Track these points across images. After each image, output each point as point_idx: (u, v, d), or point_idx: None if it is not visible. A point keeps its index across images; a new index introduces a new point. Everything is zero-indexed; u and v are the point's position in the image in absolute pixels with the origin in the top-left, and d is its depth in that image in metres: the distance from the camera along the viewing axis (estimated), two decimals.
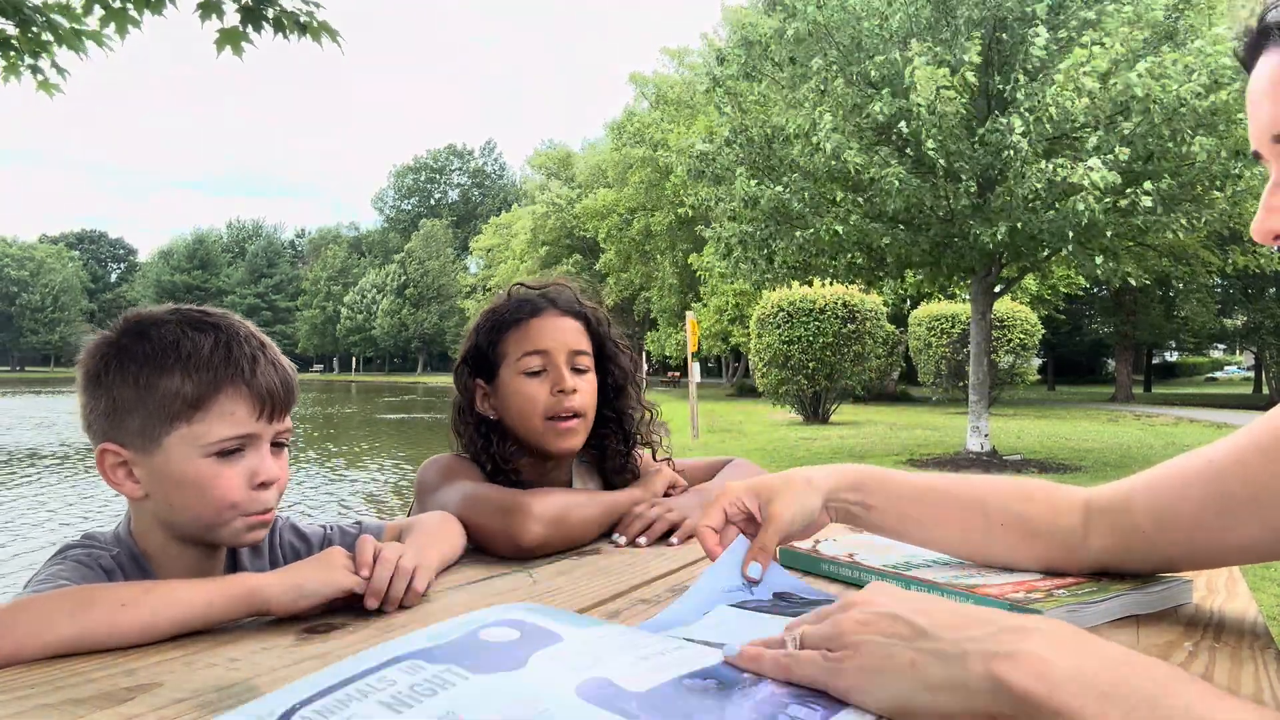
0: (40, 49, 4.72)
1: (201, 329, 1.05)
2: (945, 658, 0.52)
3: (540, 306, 1.42)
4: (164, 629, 0.82)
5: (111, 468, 1.04)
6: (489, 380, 1.44)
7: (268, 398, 1.05)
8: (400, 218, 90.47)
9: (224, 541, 1.07)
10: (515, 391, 1.40)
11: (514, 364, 1.40)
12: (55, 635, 0.78)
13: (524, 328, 1.41)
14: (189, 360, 1.02)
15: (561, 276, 1.53)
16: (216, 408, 1.02)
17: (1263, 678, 0.72)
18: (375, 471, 12.87)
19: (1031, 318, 18.25)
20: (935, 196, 8.55)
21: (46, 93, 4.95)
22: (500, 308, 1.45)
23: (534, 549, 1.20)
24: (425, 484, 1.40)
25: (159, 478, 1.03)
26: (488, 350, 1.43)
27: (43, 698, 0.67)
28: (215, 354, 1.03)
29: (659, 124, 32.99)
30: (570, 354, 1.40)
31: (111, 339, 1.05)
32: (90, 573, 1.00)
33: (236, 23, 4.70)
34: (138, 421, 1.01)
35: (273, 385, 1.06)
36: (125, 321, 1.07)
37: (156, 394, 1.01)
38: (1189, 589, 0.95)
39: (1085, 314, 33.66)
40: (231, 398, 1.03)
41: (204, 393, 1.01)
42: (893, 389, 25.03)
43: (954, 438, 12.49)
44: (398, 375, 78.07)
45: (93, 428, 1.05)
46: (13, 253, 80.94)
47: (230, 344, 1.05)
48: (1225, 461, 0.83)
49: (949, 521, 0.98)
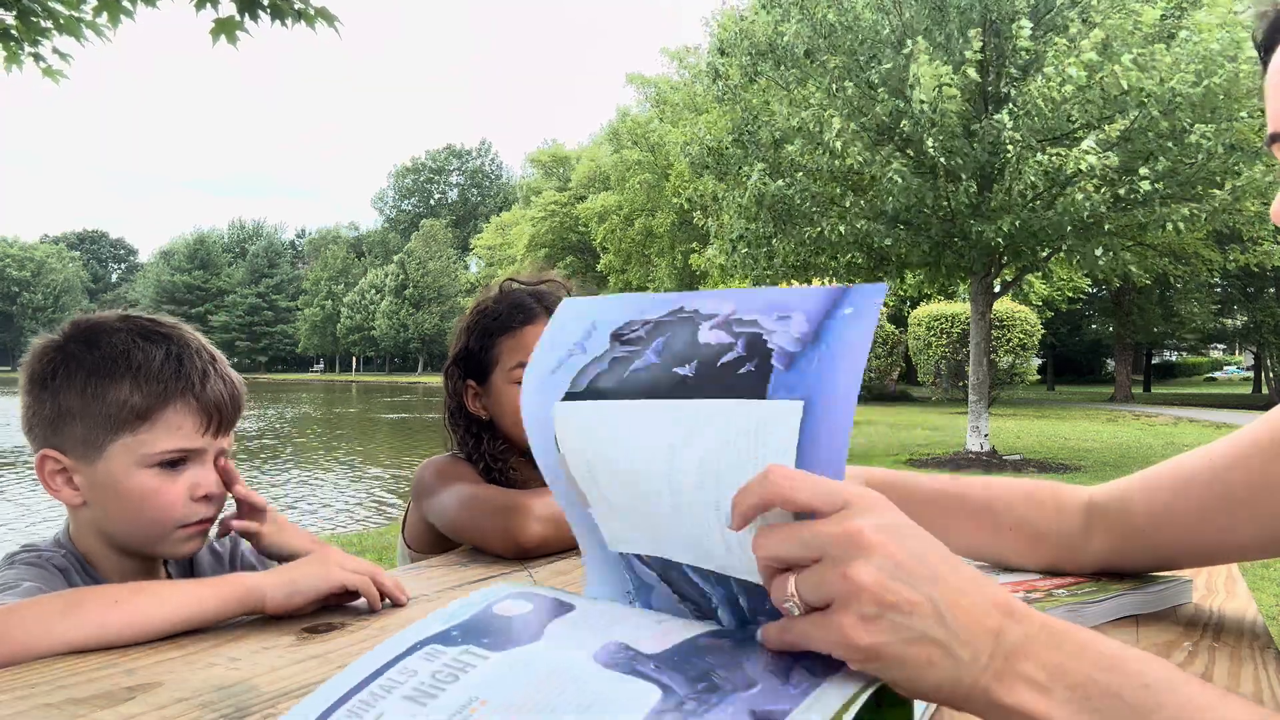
0: (41, 35, 4.72)
1: (152, 339, 1.03)
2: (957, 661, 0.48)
3: (533, 314, 1.41)
4: (158, 628, 0.82)
5: (51, 474, 1.02)
6: (481, 381, 1.44)
7: (215, 412, 1.04)
8: (400, 218, 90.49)
9: (161, 554, 1.07)
10: (508, 400, 1.40)
11: (507, 371, 1.40)
12: (49, 637, 0.78)
13: (517, 335, 1.40)
14: (139, 371, 1.00)
15: (555, 274, 1.51)
16: (163, 420, 1.01)
17: (1262, 677, 0.72)
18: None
19: (1031, 318, 18.24)
20: (936, 196, 8.56)
21: (52, 79, 4.94)
22: (491, 310, 1.44)
23: (533, 549, 1.20)
24: (423, 485, 1.40)
25: (99, 488, 1.02)
26: (479, 353, 1.43)
27: (43, 698, 0.67)
28: (166, 366, 1.02)
29: (655, 125, 32.95)
30: None
31: (59, 343, 1.03)
32: (44, 573, 1.00)
33: (233, 12, 4.64)
34: (81, 430, 1.00)
35: (221, 400, 1.05)
36: (74, 327, 1.05)
37: (104, 403, 0.99)
38: (1189, 589, 0.95)
39: (1085, 314, 33.67)
40: (180, 411, 1.02)
41: (152, 404, 1.00)
42: (893, 389, 25.03)
43: (954, 437, 12.49)
44: (398, 375, 78.05)
45: (34, 431, 1.03)
46: (13, 253, 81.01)
47: (181, 356, 1.03)
48: (1225, 461, 0.83)
49: (959, 525, 0.99)
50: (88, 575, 1.05)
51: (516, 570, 1.14)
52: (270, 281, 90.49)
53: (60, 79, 4.95)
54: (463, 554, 1.26)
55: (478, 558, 1.22)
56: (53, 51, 4.85)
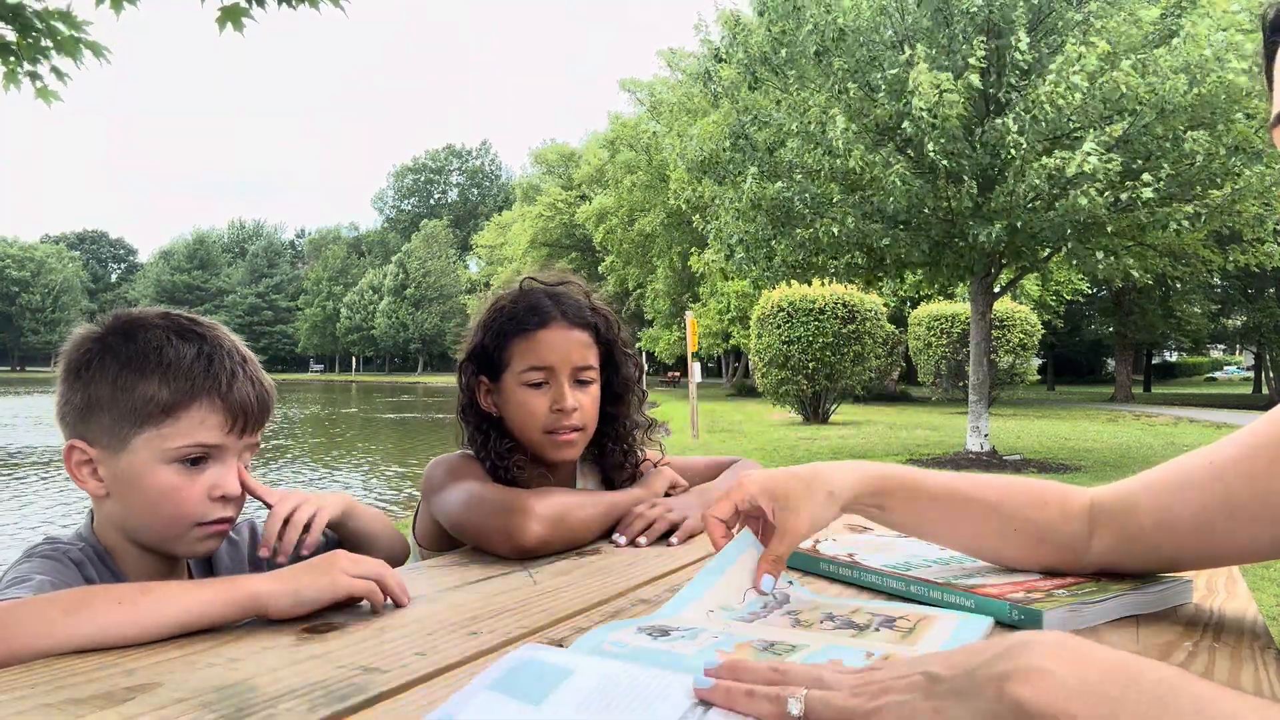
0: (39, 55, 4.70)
1: (187, 338, 1.05)
2: (962, 694, 0.51)
3: (549, 317, 1.40)
4: (161, 630, 0.82)
5: (77, 464, 1.04)
6: (493, 378, 1.43)
7: (240, 412, 1.05)
8: (400, 218, 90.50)
9: (178, 552, 1.07)
10: (518, 402, 1.40)
11: (517, 373, 1.40)
12: (51, 637, 0.78)
13: (531, 339, 1.39)
14: (169, 367, 1.02)
15: (573, 275, 1.50)
16: (187, 416, 1.02)
17: (1262, 677, 0.72)
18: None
19: (1031, 318, 18.26)
20: (936, 197, 8.56)
21: (45, 101, 4.92)
22: (508, 310, 1.43)
23: (534, 549, 1.20)
24: (431, 483, 1.40)
25: (121, 481, 1.03)
26: (493, 351, 1.43)
27: (43, 698, 0.67)
28: (196, 364, 1.03)
29: (647, 126, 32.89)
30: (574, 370, 1.40)
31: (99, 334, 1.06)
32: (59, 566, 1.00)
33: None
34: (109, 420, 1.02)
35: (247, 400, 1.06)
36: (115, 319, 1.07)
37: (132, 396, 1.01)
38: (1189, 589, 0.95)
39: (1085, 314, 33.66)
40: (204, 408, 1.03)
41: (178, 400, 1.02)
42: (893, 389, 25.03)
43: (954, 438, 12.49)
44: (398, 375, 78.04)
45: (65, 420, 1.05)
46: (13, 253, 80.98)
47: (212, 356, 1.05)
48: (1227, 462, 0.83)
49: (965, 525, 0.98)
50: (107, 568, 1.06)
51: (517, 570, 1.14)
52: (270, 281, 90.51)
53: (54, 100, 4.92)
54: (464, 554, 1.26)
55: (479, 557, 1.22)
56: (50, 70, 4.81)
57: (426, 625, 0.88)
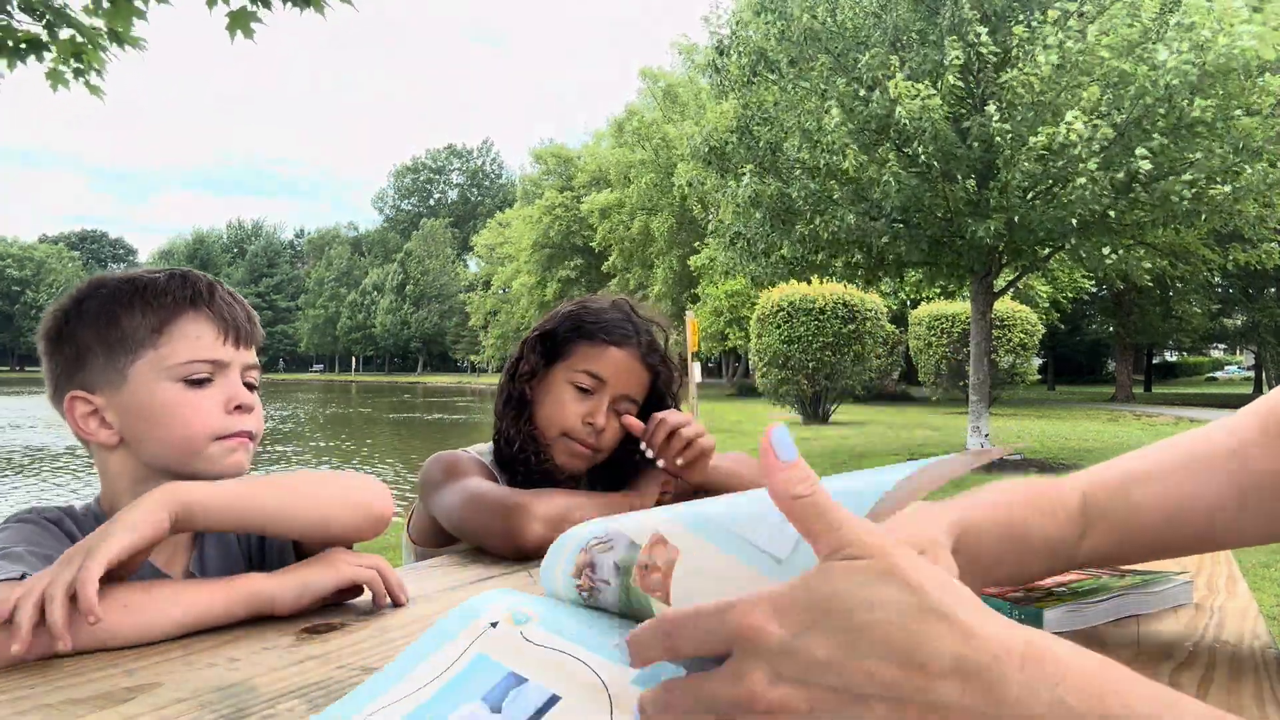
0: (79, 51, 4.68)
1: (155, 273, 1.07)
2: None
3: (626, 339, 1.43)
4: (166, 630, 0.82)
5: (82, 417, 1.01)
6: (548, 362, 1.46)
7: (231, 322, 1.05)
8: (400, 218, 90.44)
9: (203, 473, 1.00)
10: (556, 395, 1.42)
11: (571, 369, 1.43)
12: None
13: (600, 347, 1.42)
14: (146, 291, 1.03)
15: (660, 316, 1.53)
16: (179, 330, 1.02)
17: (1262, 677, 0.72)
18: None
19: (1032, 318, 18.23)
20: (933, 196, 8.56)
21: (98, 96, 4.90)
22: (593, 313, 1.46)
23: (534, 549, 1.19)
24: (428, 480, 1.40)
25: (129, 414, 1.01)
26: (559, 340, 1.45)
27: (43, 698, 0.67)
28: (171, 283, 1.04)
29: (660, 124, 32.90)
30: (620, 396, 1.43)
31: (68, 300, 1.06)
32: (38, 529, 0.98)
33: (244, 2, 4.58)
34: (102, 360, 1.01)
35: (233, 310, 1.06)
36: (81, 284, 1.08)
37: (119, 329, 1.01)
38: (1189, 589, 0.95)
39: (1085, 314, 33.64)
40: (194, 320, 1.03)
41: (165, 317, 1.02)
42: (893, 389, 25.02)
43: (954, 438, 12.49)
44: (398, 375, 77.99)
45: (58, 383, 1.04)
46: (13, 253, 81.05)
47: (185, 275, 1.07)
48: (1236, 443, 0.78)
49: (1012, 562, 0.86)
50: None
51: (517, 570, 1.14)
52: (270, 281, 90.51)
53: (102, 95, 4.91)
54: (463, 554, 1.26)
55: (478, 557, 1.22)
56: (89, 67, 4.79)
57: (426, 625, 0.87)
